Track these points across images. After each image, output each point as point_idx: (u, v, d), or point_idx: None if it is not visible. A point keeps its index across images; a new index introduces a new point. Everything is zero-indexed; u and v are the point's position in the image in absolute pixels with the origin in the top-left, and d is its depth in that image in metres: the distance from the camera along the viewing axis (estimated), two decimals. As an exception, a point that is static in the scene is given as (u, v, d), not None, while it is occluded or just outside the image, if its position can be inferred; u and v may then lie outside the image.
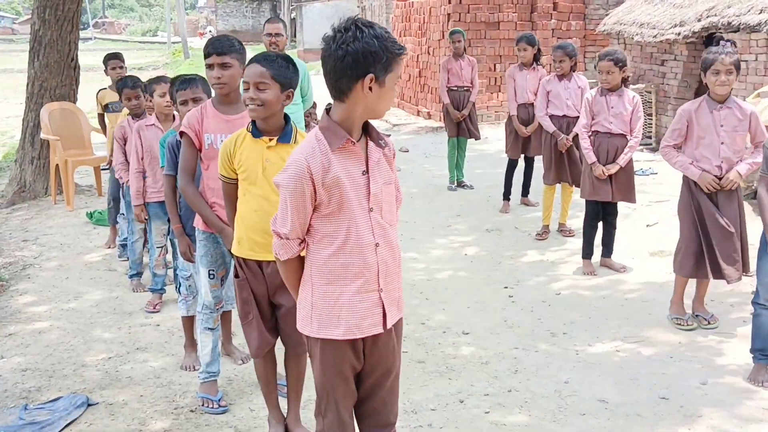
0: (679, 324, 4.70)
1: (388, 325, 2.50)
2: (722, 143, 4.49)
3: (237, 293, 3.37)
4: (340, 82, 2.30)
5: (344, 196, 2.36)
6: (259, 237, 3.20)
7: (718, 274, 4.54)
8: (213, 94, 3.79)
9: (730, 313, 4.90)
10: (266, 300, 3.33)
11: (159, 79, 5.06)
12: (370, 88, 2.29)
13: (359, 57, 2.25)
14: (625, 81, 5.62)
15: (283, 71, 3.17)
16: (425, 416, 3.71)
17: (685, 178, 4.66)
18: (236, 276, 3.34)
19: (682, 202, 4.69)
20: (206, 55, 3.65)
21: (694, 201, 4.59)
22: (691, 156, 4.59)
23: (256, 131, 3.21)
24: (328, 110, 2.42)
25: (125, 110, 5.89)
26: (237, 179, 3.27)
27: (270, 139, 3.21)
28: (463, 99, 8.39)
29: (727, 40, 4.57)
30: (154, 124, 5.05)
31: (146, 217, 5.13)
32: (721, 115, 4.48)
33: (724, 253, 4.48)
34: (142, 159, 5.08)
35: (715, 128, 4.49)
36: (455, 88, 8.40)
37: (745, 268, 4.61)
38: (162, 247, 5.20)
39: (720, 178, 4.50)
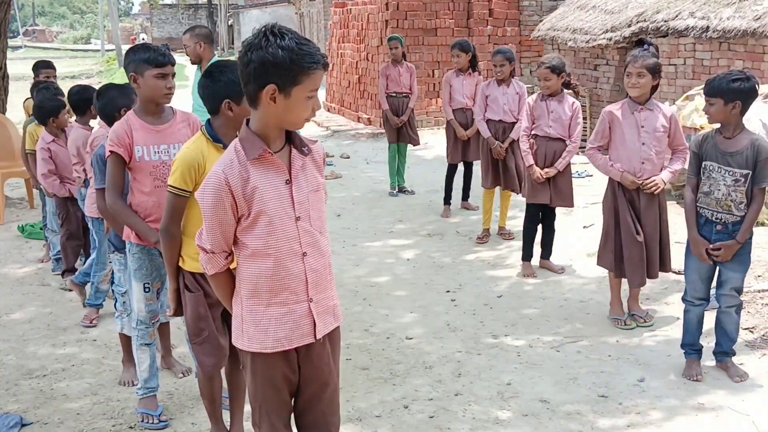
0: (618, 324, 4.81)
1: (319, 335, 2.46)
2: (643, 144, 4.62)
3: (188, 310, 3.24)
4: (247, 89, 2.30)
5: (266, 207, 2.34)
6: None
7: (624, 275, 4.77)
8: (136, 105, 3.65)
9: (665, 311, 5.04)
10: (220, 312, 3.23)
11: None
12: (274, 99, 2.25)
13: (260, 66, 2.22)
14: (568, 86, 5.72)
15: None
16: (370, 423, 3.70)
17: (610, 180, 4.79)
18: (189, 291, 3.21)
19: (606, 202, 4.84)
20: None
21: (615, 203, 4.74)
22: (615, 157, 4.72)
23: (219, 139, 3.10)
24: (248, 121, 2.38)
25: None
26: (191, 192, 3.12)
27: None
28: (402, 105, 8.43)
29: (649, 43, 4.72)
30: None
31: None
32: (642, 116, 4.61)
33: (629, 259, 4.68)
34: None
35: (637, 129, 4.62)
36: (394, 95, 8.43)
37: (665, 269, 4.81)
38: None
39: (643, 180, 4.62)
